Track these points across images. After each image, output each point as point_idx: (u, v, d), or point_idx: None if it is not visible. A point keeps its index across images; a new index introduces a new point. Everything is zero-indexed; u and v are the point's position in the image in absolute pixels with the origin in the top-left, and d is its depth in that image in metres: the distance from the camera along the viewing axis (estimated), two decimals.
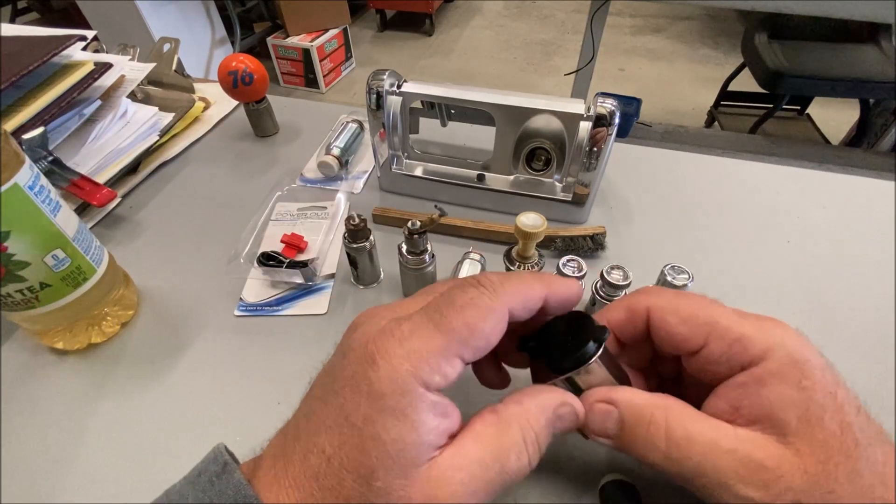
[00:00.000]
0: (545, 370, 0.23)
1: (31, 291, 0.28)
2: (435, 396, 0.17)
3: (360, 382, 0.17)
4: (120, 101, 0.47)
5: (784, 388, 0.18)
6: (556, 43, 2.64)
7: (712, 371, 0.21)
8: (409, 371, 0.17)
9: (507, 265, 0.32)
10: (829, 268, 0.38)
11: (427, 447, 0.17)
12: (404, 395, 0.16)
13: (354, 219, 0.32)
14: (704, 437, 0.19)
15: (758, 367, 0.19)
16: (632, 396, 0.21)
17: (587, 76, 1.42)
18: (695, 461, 0.18)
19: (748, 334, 0.20)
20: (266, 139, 0.53)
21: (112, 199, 0.41)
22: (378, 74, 0.39)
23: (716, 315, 0.21)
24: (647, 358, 0.25)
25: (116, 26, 1.69)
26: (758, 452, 0.18)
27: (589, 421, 0.21)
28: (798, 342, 0.20)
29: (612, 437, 0.21)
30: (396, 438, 0.16)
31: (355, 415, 0.17)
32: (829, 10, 1.05)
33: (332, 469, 0.16)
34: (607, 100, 0.35)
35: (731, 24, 2.65)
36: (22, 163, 0.26)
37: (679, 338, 0.21)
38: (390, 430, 0.16)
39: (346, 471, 0.16)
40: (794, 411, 0.18)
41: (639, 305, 0.23)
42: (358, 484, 0.16)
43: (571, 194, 0.40)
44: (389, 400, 0.16)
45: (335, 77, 2.37)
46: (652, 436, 0.19)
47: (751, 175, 0.47)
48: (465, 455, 0.17)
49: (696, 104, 2.09)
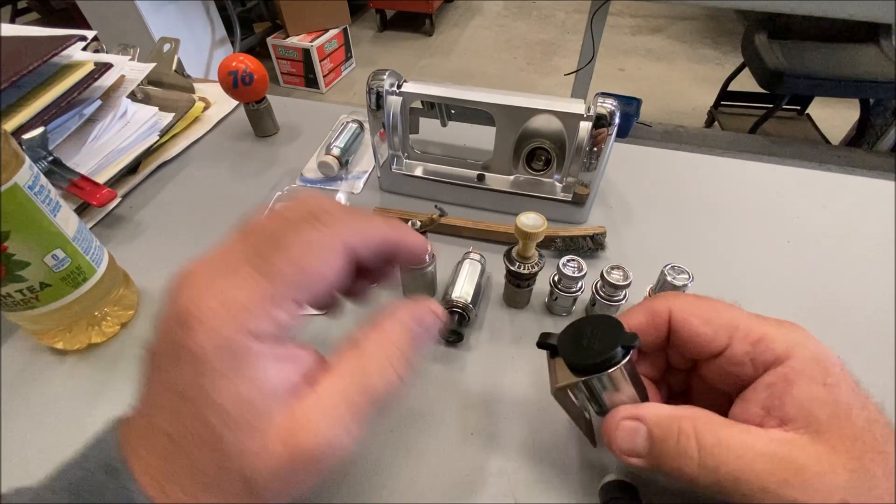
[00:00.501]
0: (564, 370, 0.22)
1: (31, 291, 0.28)
2: (271, 345, 0.16)
3: (179, 352, 0.15)
4: (120, 101, 0.47)
5: (811, 386, 0.18)
6: (556, 43, 2.64)
7: (735, 374, 0.21)
8: (233, 326, 0.15)
9: (508, 265, 0.32)
10: (829, 268, 0.38)
11: (274, 398, 0.16)
12: (231, 353, 0.15)
13: None
14: (737, 442, 0.18)
15: (783, 366, 0.19)
16: (657, 410, 0.20)
17: (587, 76, 1.42)
18: (731, 467, 0.18)
19: (770, 334, 0.20)
20: (266, 139, 0.53)
21: (112, 199, 0.41)
22: (378, 74, 0.39)
23: (736, 316, 0.21)
24: (662, 368, 0.25)
25: (116, 26, 1.69)
26: (795, 452, 0.17)
27: (617, 440, 0.20)
28: (816, 342, 0.20)
29: (642, 455, 0.20)
30: (234, 398, 0.15)
31: (184, 387, 0.15)
32: (829, 10, 1.05)
33: (180, 448, 0.15)
34: (607, 100, 0.35)
35: (731, 24, 2.65)
36: (22, 163, 0.26)
37: (703, 339, 0.21)
38: (224, 392, 0.15)
39: (193, 446, 0.15)
40: (825, 409, 0.18)
41: (660, 308, 0.22)
42: (209, 456, 0.15)
43: (571, 194, 0.40)
44: (216, 362, 0.15)
45: (335, 77, 2.37)
46: (683, 447, 0.19)
47: (751, 175, 0.47)
48: (328, 394, 0.16)
49: (696, 104, 2.09)
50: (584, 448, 0.27)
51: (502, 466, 0.27)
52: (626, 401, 0.21)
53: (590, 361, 0.21)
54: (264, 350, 0.16)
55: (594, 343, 0.21)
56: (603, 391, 0.21)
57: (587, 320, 0.23)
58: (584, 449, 0.27)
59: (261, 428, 0.15)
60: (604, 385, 0.21)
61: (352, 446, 0.16)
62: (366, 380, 0.17)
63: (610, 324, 0.22)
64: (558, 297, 0.33)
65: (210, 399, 0.15)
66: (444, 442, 0.28)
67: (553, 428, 0.28)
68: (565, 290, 0.33)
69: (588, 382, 0.21)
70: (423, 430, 0.29)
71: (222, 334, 0.15)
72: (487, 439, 0.28)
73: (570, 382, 0.22)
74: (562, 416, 0.25)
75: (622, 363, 0.20)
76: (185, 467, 0.15)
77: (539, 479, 0.26)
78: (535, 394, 0.30)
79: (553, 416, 0.29)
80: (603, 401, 0.22)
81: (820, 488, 0.17)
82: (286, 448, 0.15)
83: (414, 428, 0.29)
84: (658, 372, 0.25)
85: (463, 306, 0.32)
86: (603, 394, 0.21)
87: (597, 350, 0.21)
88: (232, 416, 0.15)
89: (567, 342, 0.22)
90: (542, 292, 0.35)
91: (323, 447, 0.16)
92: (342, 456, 0.16)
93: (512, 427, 0.29)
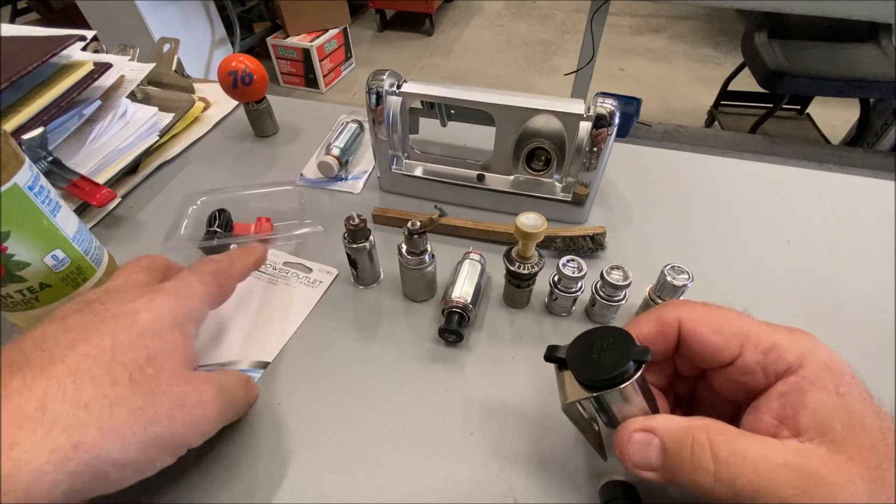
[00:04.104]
0: (574, 384, 0.22)
1: (31, 292, 0.28)
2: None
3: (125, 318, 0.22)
4: (120, 101, 0.47)
5: (825, 395, 0.18)
6: (556, 43, 2.64)
7: (745, 383, 0.20)
8: (174, 320, 0.23)
9: (507, 265, 0.32)
10: (829, 267, 0.38)
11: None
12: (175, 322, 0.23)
13: (354, 219, 0.32)
14: (754, 453, 0.18)
15: (795, 375, 0.19)
16: (669, 422, 0.20)
17: (587, 76, 1.42)
18: (748, 479, 0.17)
19: (781, 343, 0.20)
20: (266, 139, 0.53)
21: (112, 200, 0.41)
22: (378, 74, 0.39)
23: (746, 325, 0.21)
24: (669, 376, 0.25)
25: (116, 26, 1.69)
26: (813, 463, 0.17)
27: (630, 453, 0.20)
28: (827, 349, 0.19)
29: (656, 468, 0.20)
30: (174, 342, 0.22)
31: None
32: (829, 10, 1.05)
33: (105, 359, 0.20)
34: (607, 100, 0.35)
35: (731, 24, 2.65)
36: (22, 163, 0.26)
37: (713, 348, 0.21)
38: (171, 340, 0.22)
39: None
40: (839, 417, 0.18)
41: (669, 317, 0.22)
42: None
43: (571, 194, 0.40)
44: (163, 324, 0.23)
45: (335, 77, 2.37)
46: (698, 457, 0.18)
47: (751, 175, 0.47)
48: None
49: (696, 104, 2.09)
50: (584, 449, 0.27)
51: (502, 466, 0.27)
52: (637, 413, 0.21)
53: (602, 377, 0.20)
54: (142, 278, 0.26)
55: (605, 357, 0.21)
56: (614, 405, 0.21)
57: (595, 332, 0.22)
58: (585, 449, 0.27)
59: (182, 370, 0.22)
60: (615, 399, 0.21)
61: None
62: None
63: (620, 336, 0.21)
64: (558, 297, 0.33)
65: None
66: (444, 442, 0.28)
67: (553, 428, 0.28)
68: (565, 290, 0.33)
69: (600, 398, 0.21)
70: (422, 430, 0.29)
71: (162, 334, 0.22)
72: (487, 439, 0.28)
73: (582, 398, 0.21)
74: (562, 417, 0.24)
75: (635, 378, 0.20)
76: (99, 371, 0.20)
77: (539, 479, 0.26)
78: (534, 394, 0.30)
79: (553, 417, 0.29)
80: (613, 414, 0.21)
81: (841, 500, 0.16)
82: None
83: (414, 428, 0.29)
84: (665, 380, 0.25)
85: (463, 306, 0.32)
86: (614, 407, 0.21)
87: (608, 364, 0.20)
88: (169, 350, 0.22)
89: (576, 356, 0.22)
90: (542, 292, 0.35)
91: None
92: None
93: (512, 427, 0.29)
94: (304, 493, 0.26)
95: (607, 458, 0.25)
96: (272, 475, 0.27)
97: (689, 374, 0.24)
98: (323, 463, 0.27)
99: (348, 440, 0.28)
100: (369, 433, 0.28)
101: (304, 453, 0.28)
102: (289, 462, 0.27)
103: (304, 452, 0.28)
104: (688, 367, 0.24)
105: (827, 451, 0.17)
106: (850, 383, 0.18)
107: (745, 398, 0.21)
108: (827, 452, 0.17)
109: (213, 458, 0.27)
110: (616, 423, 0.21)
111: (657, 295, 0.32)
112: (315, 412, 0.29)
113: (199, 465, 0.27)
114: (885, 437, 0.17)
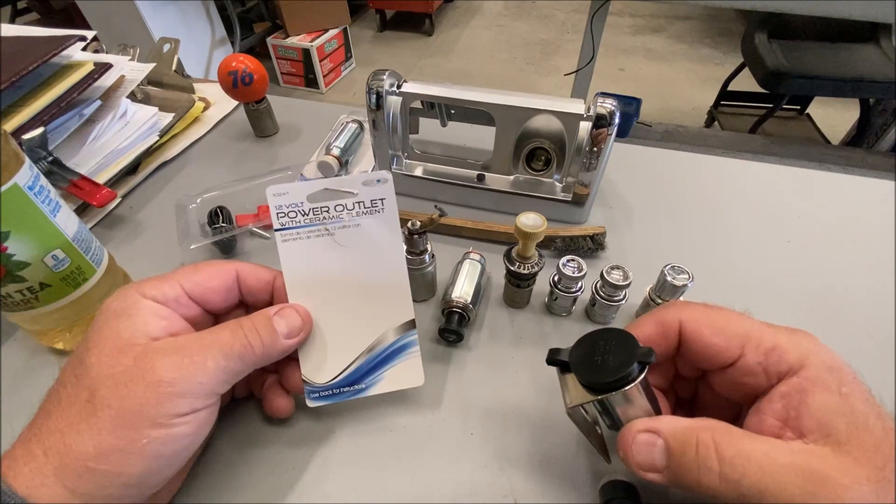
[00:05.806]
0: (577, 387, 0.22)
1: (31, 292, 0.28)
2: (154, 304, 0.23)
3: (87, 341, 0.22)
4: (120, 101, 0.47)
5: (827, 396, 0.18)
6: (556, 43, 2.64)
7: (747, 384, 0.20)
8: (133, 288, 0.23)
9: (507, 265, 0.32)
10: (830, 267, 0.38)
11: (141, 333, 0.21)
12: (125, 301, 0.22)
13: None
14: (759, 453, 0.18)
15: (797, 375, 0.19)
16: (673, 423, 0.20)
17: (587, 76, 1.42)
18: (753, 479, 0.17)
19: (782, 343, 0.20)
20: (266, 139, 0.53)
21: (112, 200, 0.41)
22: (378, 74, 0.39)
23: (747, 326, 0.21)
24: (670, 378, 0.25)
25: (116, 26, 1.69)
26: (819, 464, 0.17)
27: (634, 454, 0.20)
28: (828, 350, 0.19)
29: (660, 469, 0.20)
30: (112, 327, 0.21)
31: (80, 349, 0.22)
32: (829, 10, 1.05)
33: (56, 393, 0.21)
34: (607, 100, 0.35)
35: (731, 24, 2.65)
36: (22, 163, 0.26)
37: (715, 349, 0.21)
38: (107, 325, 0.21)
39: (69, 364, 0.21)
40: (842, 418, 0.18)
41: (670, 318, 0.22)
42: (74, 367, 0.21)
43: (571, 194, 0.40)
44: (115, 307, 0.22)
45: (335, 77, 2.37)
46: (703, 458, 0.18)
47: (751, 175, 0.47)
48: (184, 339, 0.22)
49: (696, 104, 2.09)
50: (584, 449, 0.27)
51: (502, 466, 0.27)
52: (640, 415, 0.21)
53: (606, 379, 0.20)
54: (147, 304, 0.23)
55: (608, 359, 0.21)
56: (618, 407, 0.21)
57: (598, 334, 0.22)
58: (585, 449, 0.27)
59: (123, 350, 0.21)
60: (620, 401, 0.21)
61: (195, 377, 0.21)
62: (214, 336, 0.22)
63: (622, 337, 0.21)
64: (558, 297, 0.33)
65: (97, 326, 0.22)
66: (445, 442, 0.28)
67: (553, 428, 0.28)
68: (565, 290, 0.33)
69: (605, 400, 0.21)
70: (423, 430, 0.29)
71: (126, 292, 0.23)
72: (487, 439, 0.28)
73: (587, 401, 0.21)
74: (562, 417, 0.25)
75: (639, 380, 0.20)
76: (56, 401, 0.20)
77: (539, 479, 0.26)
78: (534, 394, 0.30)
79: (553, 417, 0.29)
80: (617, 416, 0.21)
81: (848, 500, 0.16)
82: (136, 364, 0.20)
83: (414, 428, 0.29)
84: (666, 381, 0.25)
85: (463, 306, 0.32)
86: (618, 409, 0.21)
87: (612, 367, 0.20)
88: (104, 337, 0.21)
89: (579, 359, 0.22)
90: (542, 292, 0.35)
91: (174, 376, 0.20)
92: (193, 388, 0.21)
93: (512, 427, 0.29)
94: (305, 493, 0.26)
95: (611, 461, 0.25)
96: (272, 476, 0.27)
97: (690, 376, 0.24)
98: (323, 463, 0.27)
99: (348, 440, 0.28)
100: (369, 433, 0.28)
101: (303, 453, 0.28)
102: (289, 462, 0.27)
103: (303, 452, 0.28)
104: (689, 369, 0.24)
105: (832, 451, 0.17)
106: (851, 384, 0.18)
107: (747, 399, 0.21)
108: (832, 453, 0.17)
109: (214, 459, 0.27)
110: (619, 426, 0.21)
111: (657, 295, 0.32)
112: (314, 412, 0.29)
113: (200, 464, 0.27)
114: (888, 437, 0.17)
